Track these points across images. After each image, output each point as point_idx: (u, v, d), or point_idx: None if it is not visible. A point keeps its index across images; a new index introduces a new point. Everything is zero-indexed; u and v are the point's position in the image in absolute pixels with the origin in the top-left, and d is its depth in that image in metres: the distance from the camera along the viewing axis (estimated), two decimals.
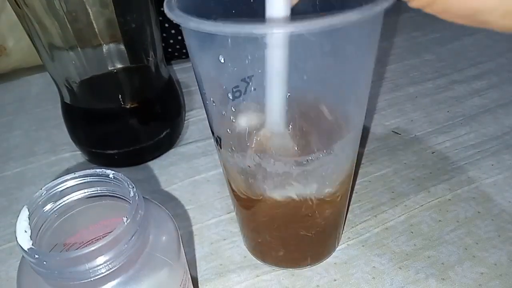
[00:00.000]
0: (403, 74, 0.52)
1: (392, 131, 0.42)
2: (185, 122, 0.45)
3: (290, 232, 0.28)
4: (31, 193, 0.38)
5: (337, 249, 0.31)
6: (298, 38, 0.19)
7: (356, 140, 0.25)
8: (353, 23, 0.17)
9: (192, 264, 0.30)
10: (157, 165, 0.40)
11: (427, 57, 0.55)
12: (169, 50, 0.56)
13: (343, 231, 0.32)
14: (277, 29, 0.18)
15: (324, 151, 0.23)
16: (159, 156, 0.41)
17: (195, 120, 0.46)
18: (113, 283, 0.17)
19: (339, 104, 0.23)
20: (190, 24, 0.18)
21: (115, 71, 0.38)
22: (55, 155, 0.43)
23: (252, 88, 0.22)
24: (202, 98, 0.24)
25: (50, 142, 0.45)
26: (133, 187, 0.18)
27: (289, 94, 0.21)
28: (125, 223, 0.16)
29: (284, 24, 0.19)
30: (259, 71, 0.21)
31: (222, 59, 0.20)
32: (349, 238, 0.31)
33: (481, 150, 0.38)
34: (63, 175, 0.39)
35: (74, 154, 0.42)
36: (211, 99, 0.23)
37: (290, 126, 0.22)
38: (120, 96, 0.38)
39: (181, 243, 0.21)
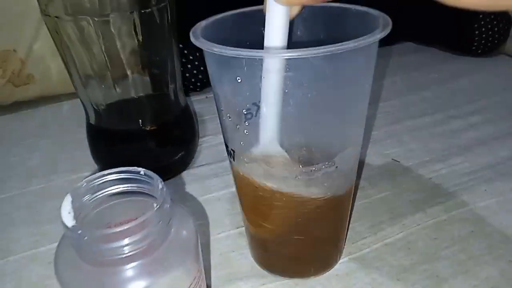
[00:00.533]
0: (403, 109, 0.55)
1: (392, 159, 0.45)
2: (199, 147, 0.48)
3: (295, 244, 0.30)
4: (53, 206, 0.41)
5: (339, 262, 0.33)
6: (303, 61, 0.22)
7: (356, 154, 0.28)
8: (350, 50, 0.21)
9: (206, 271, 0.32)
10: (171, 185, 0.43)
11: (426, 95, 0.59)
12: (185, 83, 0.60)
13: (345, 246, 0.34)
14: (286, 54, 0.21)
15: (327, 163, 0.26)
16: (173, 176, 0.44)
17: (207, 146, 0.49)
18: (137, 263, 0.20)
19: (339, 119, 0.26)
20: (214, 49, 0.22)
21: (138, 97, 0.42)
22: (75, 173, 0.46)
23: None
24: (218, 115, 0.27)
25: (71, 163, 0.48)
26: (161, 181, 0.21)
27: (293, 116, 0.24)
28: (155, 209, 0.19)
29: (290, 50, 0.22)
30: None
31: (239, 80, 0.23)
32: (350, 252, 0.33)
33: (475, 177, 0.41)
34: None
35: (94, 173, 0.45)
36: (227, 114, 0.26)
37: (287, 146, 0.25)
38: (141, 119, 0.41)
39: (199, 241, 0.24)
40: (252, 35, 0.29)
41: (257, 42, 0.30)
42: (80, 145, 0.46)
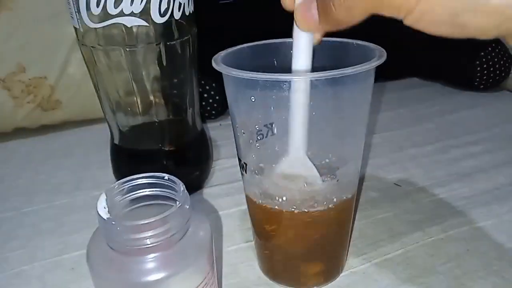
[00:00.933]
0: (406, 138, 0.58)
1: (394, 184, 0.47)
2: (212, 168, 0.52)
3: (299, 255, 0.33)
4: (77, 219, 0.44)
5: (340, 275, 0.35)
6: (310, 85, 0.26)
7: (356, 168, 0.31)
8: (350, 75, 0.24)
9: (217, 280, 0.35)
10: None
11: (429, 126, 0.62)
12: (201, 111, 0.65)
13: (347, 260, 0.36)
14: (294, 77, 0.25)
15: (329, 175, 0.29)
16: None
17: (220, 168, 0.52)
18: (157, 254, 0.22)
19: (339, 137, 0.29)
20: (232, 73, 0.26)
21: (159, 120, 0.46)
22: (98, 190, 0.49)
23: (274, 132, 0.29)
24: (233, 131, 0.31)
25: (94, 181, 0.52)
26: (183, 185, 0.24)
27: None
28: (177, 206, 0.22)
29: (300, 74, 0.26)
30: (279, 118, 0.28)
31: (253, 99, 0.27)
32: (351, 266, 0.36)
33: (473, 201, 0.43)
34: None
35: None
36: (242, 130, 0.29)
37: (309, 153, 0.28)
38: (160, 140, 0.45)
39: (213, 243, 0.27)
40: (265, 65, 0.33)
41: (269, 69, 0.34)
42: (102, 165, 0.49)
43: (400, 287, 0.33)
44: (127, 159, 0.46)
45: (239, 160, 0.32)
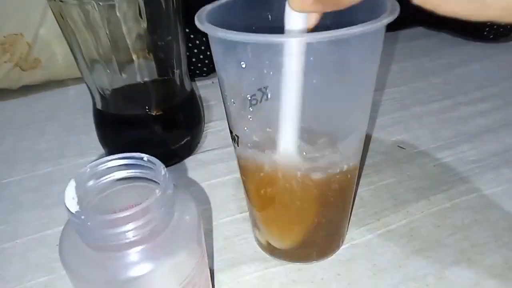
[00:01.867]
0: (411, 95, 0.55)
1: (398, 146, 0.44)
2: (204, 132, 0.48)
3: (298, 227, 0.30)
4: (60, 190, 0.41)
5: (341, 247, 0.33)
6: (307, 47, 0.22)
7: (360, 140, 0.27)
8: (356, 35, 0.20)
9: (209, 256, 0.33)
10: (177, 170, 0.43)
11: (435, 81, 0.58)
12: (192, 67, 0.60)
13: (347, 232, 0.34)
14: (290, 38, 0.21)
15: (330, 149, 0.26)
16: (179, 161, 0.44)
17: (213, 131, 0.49)
18: (140, 248, 0.20)
19: (343, 106, 0.26)
20: (218, 34, 0.22)
21: (144, 82, 0.42)
22: (83, 158, 0.46)
23: (269, 97, 0.25)
24: (223, 100, 0.27)
25: (79, 146, 0.48)
26: (164, 167, 0.21)
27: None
28: (157, 195, 0.19)
29: (296, 34, 0.22)
30: (274, 82, 0.24)
31: (244, 65, 0.23)
32: (352, 238, 0.33)
33: (482, 165, 0.40)
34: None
35: (101, 157, 0.46)
36: (232, 100, 0.26)
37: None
38: (147, 104, 0.41)
39: (202, 225, 0.24)
40: (258, 21, 0.28)
41: (264, 28, 0.30)
42: (87, 129, 0.46)
43: (404, 262, 0.31)
44: (112, 125, 0.42)
45: (231, 131, 0.28)
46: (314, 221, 0.29)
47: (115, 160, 0.22)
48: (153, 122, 0.42)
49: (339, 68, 0.23)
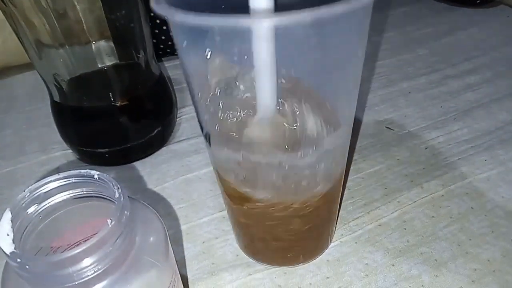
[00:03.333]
0: (396, 69, 0.51)
1: (385, 127, 0.42)
2: (177, 119, 0.45)
3: (282, 229, 0.27)
4: (21, 192, 0.38)
5: (330, 246, 0.30)
6: (285, 30, 0.18)
7: (347, 135, 0.24)
8: (340, 15, 0.17)
9: (182, 263, 0.30)
10: (149, 163, 0.39)
11: (421, 52, 0.55)
12: (161, 46, 0.55)
13: (336, 228, 0.31)
14: (261, 22, 0.17)
15: (315, 146, 0.22)
16: (151, 154, 0.41)
17: (187, 118, 0.45)
18: (99, 286, 0.17)
19: (328, 98, 0.23)
20: (176, 17, 0.18)
21: (104, 68, 0.37)
22: (45, 154, 0.42)
23: (241, 88, 0.22)
24: (190, 94, 0.24)
25: (41, 141, 0.44)
26: (118, 187, 0.18)
27: (282, 81, 0.21)
28: (110, 225, 0.16)
29: (269, 16, 0.18)
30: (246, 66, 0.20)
31: (209, 54, 0.20)
32: (342, 235, 0.31)
33: (474, 145, 0.38)
34: (53, 174, 0.38)
35: (64, 153, 0.42)
36: (199, 95, 0.22)
37: (280, 108, 0.21)
38: (110, 93, 0.37)
39: (169, 244, 0.21)
40: None
41: (235, 5, 0.26)
42: (50, 120, 0.42)
43: (398, 259, 0.29)
44: (72, 119, 0.38)
45: (201, 128, 0.25)
46: (300, 227, 0.26)
47: (58, 181, 0.18)
48: (119, 113, 0.38)
49: (321, 54, 0.20)
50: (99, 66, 0.37)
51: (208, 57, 0.20)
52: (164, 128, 0.41)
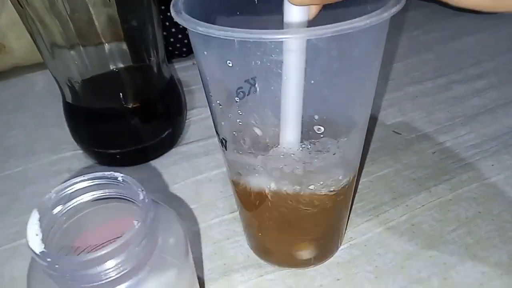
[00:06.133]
0: (404, 73, 0.52)
1: (393, 131, 0.42)
2: (187, 121, 0.45)
3: (294, 232, 0.28)
4: (33, 192, 0.38)
5: (339, 249, 0.31)
6: (306, 43, 0.19)
7: (361, 140, 0.25)
8: (361, 29, 0.17)
9: (198, 264, 0.30)
10: (159, 165, 0.40)
11: (428, 56, 0.55)
12: (170, 48, 0.56)
13: (346, 231, 0.32)
14: (284, 35, 0.18)
15: (329, 150, 0.23)
16: (161, 155, 0.41)
17: (196, 120, 0.46)
18: (123, 286, 0.17)
19: (344, 105, 0.23)
20: (198, 29, 0.19)
21: (117, 70, 0.38)
22: (56, 154, 0.43)
23: (257, 89, 0.22)
24: (207, 100, 0.24)
25: (51, 141, 0.45)
26: (142, 190, 0.18)
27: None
28: (136, 226, 0.17)
29: (293, 30, 0.19)
30: (263, 73, 0.21)
31: (230, 64, 0.20)
32: (351, 238, 0.31)
33: (481, 150, 0.38)
34: (63, 174, 0.39)
35: (75, 154, 0.42)
36: (217, 101, 0.23)
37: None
38: (122, 95, 0.38)
39: (189, 244, 0.21)
40: (244, 4, 0.25)
41: (251, 12, 0.26)
42: (60, 120, 0.42)
43: (407, 262, 0.29)
44: (84, 120, 0.38)
45: (217, 133, 0.25)
46: (311, 229, 0.27)
47: (83, 182, 0.19)
48: (130, 115, 0.38)
49: (340, 64, 0.20)
50: (112, 68, 0.38)
51: (230, 65, 0.20)
52: (174, 130, 0.42)
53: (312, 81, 0.20)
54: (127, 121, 0.38)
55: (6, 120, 0.49)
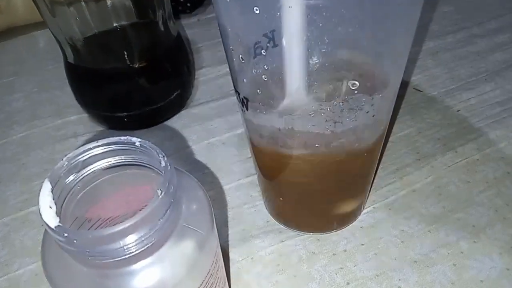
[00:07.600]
0: (422, 27, 0.49)
1: (414, 88, 0.40)
2: (195, 81, 0.43)
3: (317, 195, 0.26)
4: (40, 158, 0.37)
5: (362, 212, 0.30)
6: None
7: (393, 97, 0.23)
8: None
9: (217, 230, 0.29)
10: (168, 128, 0.38)
11: (446, 9, 0.52)
12: (173, 3, 0.52)
13: (369, 194, 0.30)
14: None
15: (363, 108, 0.21)
16: (170, 118, 0.39)
17: (205, 80, 0.44)
18: (148, 260, 0.16)
19: (377, 60, 0.21)
20: None
21: (121, 27, 0.35)
22: (60, 118, 0.41)
23: (274, 44, 0.20)
24: (227, 56, 0.22)
25: (55, 105, 0.43)
26: (163, 156, 0.16)
27: (316, 61, 0.19)
28: (160, 196, 0.15)
29: None
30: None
31: (257, 10, 0.18)
32: (374, 201, 0.30)
33: (508, 107, 0.37)
34: (70, 139, 0.37)
35: (80, 117, 0.40)
36: (239, 56, 0.21)
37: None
38: (127, 54, 0.35)
39: (212, 211, 0.20)
40: None
41: None
42: (62, 82, 0.40)
43: (434, 226, 0.28)
44: (88, 82, 0.36)
45: (237, 92, 0.23)
46: (334, 189, 0.25)
47: (97, 148, 0.17)
48: (137, 75, 0.36)
49: (373, 14, 0.18)
50: (115, 24, 0.35)
51: (257, 12, 0.18)
52: (183, 91, 0.40)
53: (350, 29, 0.18)
54: (133, 82, 0.36)
55: (7, 84, 0.47)
